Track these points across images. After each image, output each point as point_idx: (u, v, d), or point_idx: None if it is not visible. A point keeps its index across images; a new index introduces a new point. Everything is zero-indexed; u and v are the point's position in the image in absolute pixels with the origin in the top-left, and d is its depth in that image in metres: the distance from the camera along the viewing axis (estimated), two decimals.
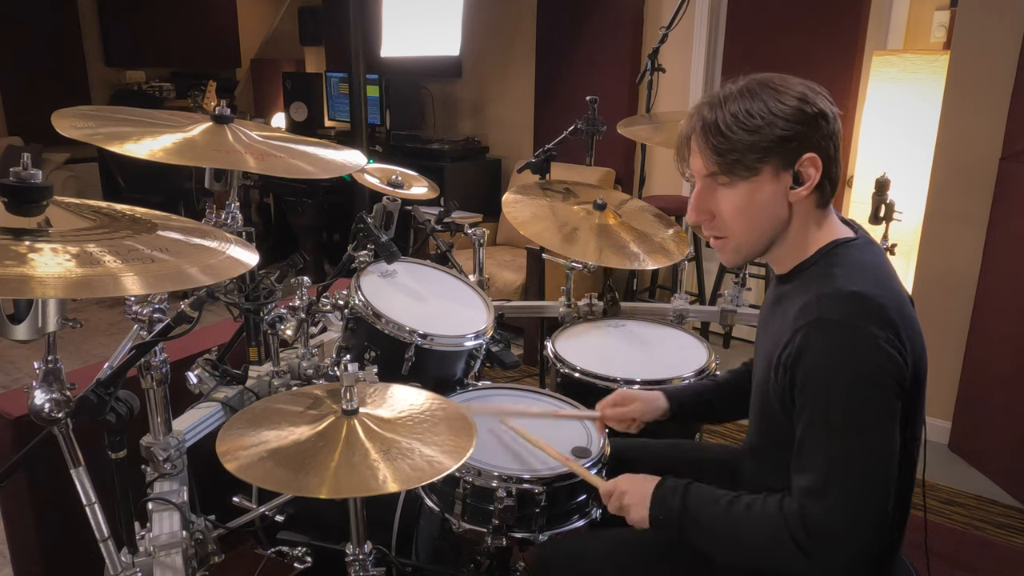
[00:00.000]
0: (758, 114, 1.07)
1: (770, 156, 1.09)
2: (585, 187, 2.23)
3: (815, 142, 1.08)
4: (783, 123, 1.07)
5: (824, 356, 1.02)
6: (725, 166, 1.11)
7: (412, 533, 1.58)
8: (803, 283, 1.12)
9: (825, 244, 1.14)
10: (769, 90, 1.09)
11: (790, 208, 1.13)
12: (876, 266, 1.11)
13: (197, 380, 1.59)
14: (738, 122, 1.08)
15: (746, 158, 1.09)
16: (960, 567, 2.28)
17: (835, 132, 1.11)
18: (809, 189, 1.10)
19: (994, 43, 2.60)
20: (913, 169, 2.99)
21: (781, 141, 1.08)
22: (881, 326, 1.01)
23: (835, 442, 1.01)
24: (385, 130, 4.97)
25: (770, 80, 1.11)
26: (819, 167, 1.09)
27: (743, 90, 1.10)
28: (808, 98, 1.08)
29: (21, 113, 5.48)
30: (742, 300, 2.26)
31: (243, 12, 6.59)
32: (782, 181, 1.10)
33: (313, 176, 1.51)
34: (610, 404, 1.53)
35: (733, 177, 1.11)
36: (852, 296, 1.03)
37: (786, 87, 1.10)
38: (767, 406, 1.15)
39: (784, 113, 1.07)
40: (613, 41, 4.15)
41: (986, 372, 2.74)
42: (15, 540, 1.87)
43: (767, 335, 1.20)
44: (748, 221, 1.14)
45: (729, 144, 1.09)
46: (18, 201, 1.01)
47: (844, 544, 1.00)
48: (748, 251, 1.18)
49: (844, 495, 1.00)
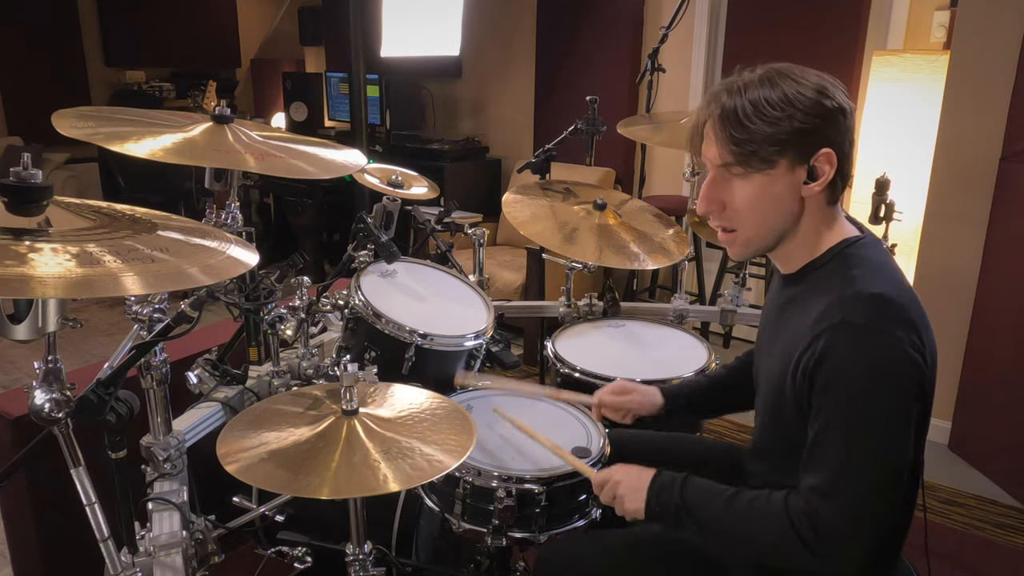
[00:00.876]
0: (778, 104, 1.05)
1: (787, 149, 1.06)
2: (585, 187, 2.23)
3: (832, 137, 1.07)
4: (802, 115, 1.05)
5: (848, 360, 1.01)
6: (741, 156, 1.08)
7: (412, 533, 1.58)
8: (819, 284, 1.11)
9: (836, 243, 1.13)
10: (789, 80, 1.06)
11: (802, 203, 1.11)
12: (890, 266, 1.11)
13: (197, 380, 1.59)
14: (758, 111, 1.05)
15: (763, 150, 1.06)
16: (960, 567, 2.28)
17: (851, 128, 1.09)
18: (823, 185, 1.08)
19: (994, 43, 2.60)
20: (913, 169, 2.99)
21: (800, 134, 1.05)
22: (905, 329, 1.00)
23: (851, 444, 1.01)
24: (385, 130, 4.97)
25: (789, 70, 1.08)
26: (834, 163, 1.07)
27: (763, 78, 1.08)
28: (827, 91, 1.06)
29: (21, 113, 5.48)
30: (742, 300, 2.26)
31: (243, 12, 6.59)
32: (797, 175, 1.08)
33: (313, 176, 1.51)
34: (608, 392, 1.53)
35: (748, 168, 1.08)
36: (875, 298, 1.02)
37: (805, 78, 1.07)
38: (779, 408, 1.13)
39: (804, 105, 1.05)
40: (613, 41, 4.15)
41: (986, 372, 2.74)
42: (15, 540, 1.87)
43: (780, 337, 1.18)
44: (759, 214, 1.12)
45: (747, 134, 1.06)
46: (18, 201, 1.01)
47: (851, 544, 1.00)
48: (757, 245, 1.16)
49: (854, 496, 1.00)
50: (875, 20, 3.39)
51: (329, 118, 5.59)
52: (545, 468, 1.41)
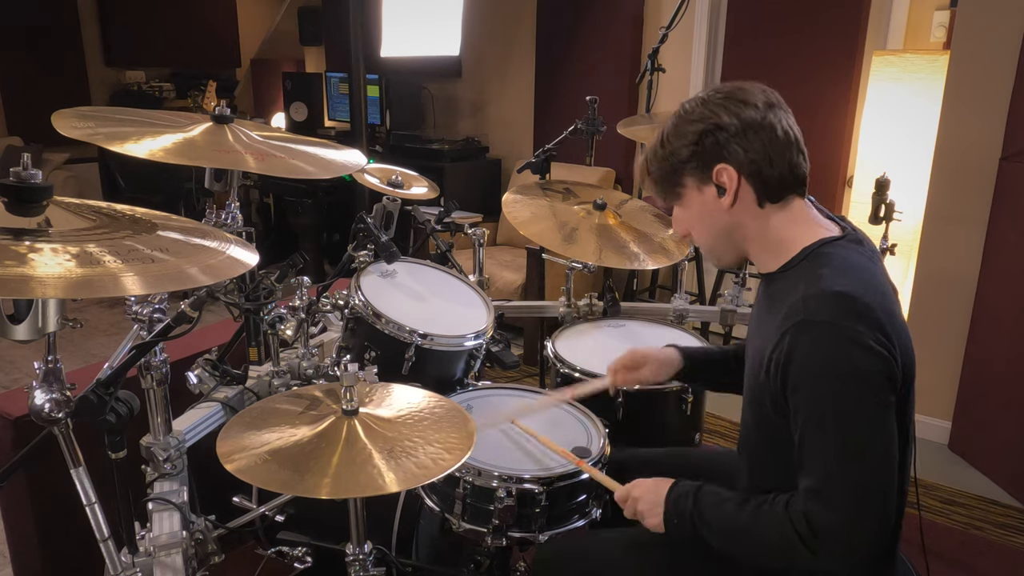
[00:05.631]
0: (665, 142, 1.20)
1: (684, 176, 1.19)
2: (585, 187, 2.23)
3: (719, 155, 1.14)
4: (683, 148, 1.17)
5: (813, 357, 1.03)
6: (659, 191, 1.25)
7: (412, 533, 1.58)
8: (789, 283, 1.13)
9: (811, 243, 1.14)
10: (676, 117, 1.19)
11: (734, 214, 1.17)
12: (862, 265, 1.12)
13: (197, 380, 1.59)
14: (654, 152, 1.22)
15: (667, 183, 1.22)
16: (960, 567, 2.28)
17: (750, 139, 1.12)
18: (731, 196, 1.15)
19: (994, 43, 2.60)
20: (913, 169, 2.99)
21: (684, 161, 1.18)
22: (868, 326, 1.02)
23: (831, 442, 1.02)
24: (385, 130, 4.97)
25: (686, 104, 1.20)
26: (734, 175, 1.14)
27: (671, 116, 1.21)
28: (702, 116, 1.15)
29: (21, 113, 5.48)
30: (742, 300, 2.26)
31: (243, 12, 6.59)
32: (707, 193, 1.18)
33: (313, 176, 1.51)
34: (622, 365, 1.53)
35: (669, 199, 1.25)
36: (837, 296, 1.04)
37: (693, 108, 1.17)
38: (759, 406, 1.16)
39: (678, 140, 1.17)
40: (613, 41, 4.15)
41: (986, 372, 2.74)
42: (15, 540, 1.87)
43: (757, 335, 1.22)
44: (703, 233, 1.24)
45: (653, 174, 1.24)
46: (18, 201, 1.01)
47: (848, 540, 1.02)
48: (718, 256, 1.28)
49: (845, 493, 1.01)
50: (875, 20, 3.39)
51: (329, 118, 5.59)
52: (545, 468, 1.42)
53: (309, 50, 6.35)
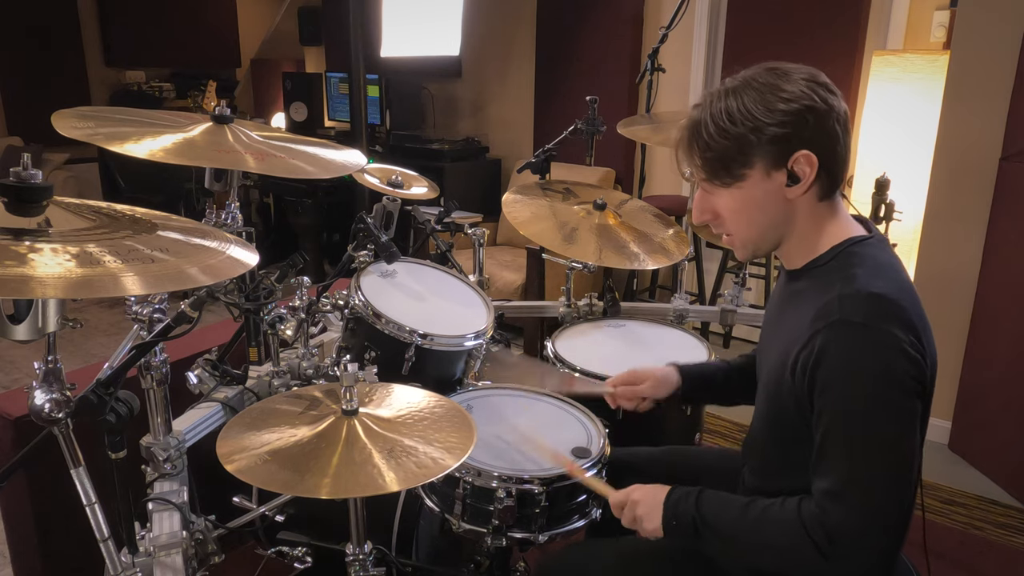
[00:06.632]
0: (739, 119, 1.06)
1: (755, 158, 1.08)
2: (585, 187, 2.23)
3: (807, 138, 1.06)
4: (766, 126, 1.05)
5: (846, 358, 1.00)
6: (711, 172, 1.12)
7: (412, 533, 1.58)
8: (819, 281, 1.10)
9: (840, 241, 1.12)
10: (753, 91, 1.07)
11: (791, 205, 1.11)
12: (894, 266, 1.10)
13: (197, 380, 1.59)
14: (719, 128, 1.08)
15: (731, 164, 1.09)
16: (960, 567, 2.28)
17: (831, 126, 1.07)
18: (805, 187, 1.08)
19: (994, 43, 2.60)
20: (913, 169, 2.99)
21: (768, 142, 1.06)
22: (903, 328, 1.00)
23: (856, 446, 1.00)
24: (385, 130, 4.97)
25: (757, 77, 1.08)
26: (814, 164, 1.07)
27: (730, 90, 1.09)
28: (796, 95, 1.05)
29: (21, 113, 5.48)
30: (742, 300, 2.26)
31: (243, 12, 6.59)
32: (775, 180, 1.09)
33: (313, 176, 1.51)
34: (622, 381, 1.53)
35: (721, 182, 1.12)
36: (874, 298, 1.01)
37: (775, 83, 1.07)
38: (778, 405, 1.13)
39: (766, 116, 1.05)
40: (613, 41, 4.15)
41: (986, 372, 2.74)
42: (15, 540, 1.87)
43: (780, 332, 1.18)
44: (747, 221, 1.14)
45: (712, 152, 1.09)
46: (18, 201, 1.01)
47: (864, 546, 1.00)
48: (755, 247, 1.18)
49: (865, 498, 1.00)
50: (875, 20, 3.39)
51: (329, 118, 5.59)
52: (545, 468, 1.41)
53: (309, 50, 6.35)
